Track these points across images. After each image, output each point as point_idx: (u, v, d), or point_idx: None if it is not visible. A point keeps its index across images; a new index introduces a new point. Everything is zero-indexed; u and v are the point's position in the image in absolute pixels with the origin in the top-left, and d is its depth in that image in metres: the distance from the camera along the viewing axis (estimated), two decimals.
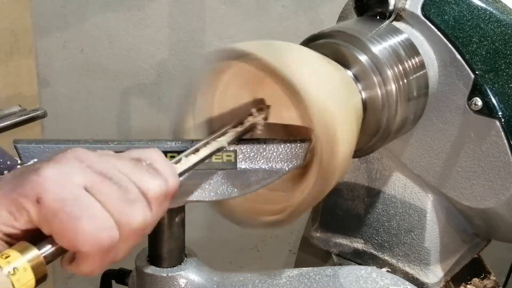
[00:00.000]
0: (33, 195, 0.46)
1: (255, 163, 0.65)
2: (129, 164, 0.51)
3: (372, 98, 0.72)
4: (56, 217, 0.46)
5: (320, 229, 0.97)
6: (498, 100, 0.74)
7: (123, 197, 0.48)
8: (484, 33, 0.75)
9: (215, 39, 1.64)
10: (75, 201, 0.47)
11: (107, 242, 0.47)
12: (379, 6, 0.78)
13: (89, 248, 0.47)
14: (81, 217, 0.46)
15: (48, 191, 0.46)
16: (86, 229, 0.46)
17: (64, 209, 0.46)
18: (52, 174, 0.47)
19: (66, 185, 0.47)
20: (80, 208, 0.46)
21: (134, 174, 0.50)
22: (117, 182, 0.49)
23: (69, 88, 1.72)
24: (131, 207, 0.49)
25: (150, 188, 0.51)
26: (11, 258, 0.43)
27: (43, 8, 1.62)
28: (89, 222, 0.46)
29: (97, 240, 0.47)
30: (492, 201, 0.79)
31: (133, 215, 0.49)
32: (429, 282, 0.87)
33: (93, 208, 0.47)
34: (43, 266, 0.45)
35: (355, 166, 0.91)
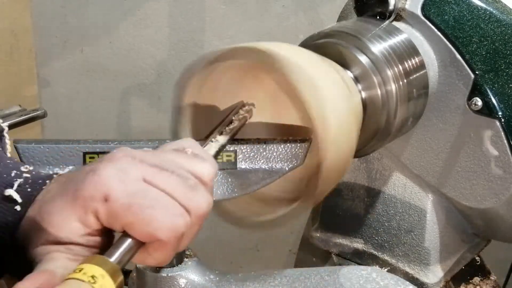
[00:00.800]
0: (99, 194, 0.46)
1: (255, 163, 0.65)
2: (175, 154, 0.52)
3: (372, 98, 0.72)
4: (129, 210, 0.46)
5: (320, 229, 0.97)
6: (498, 100, 0.74)
7: (184, 184, 0.49)
8: (484, 33, 0.75)
9: (215, 39, 1.64)
10: (143, 193, 0.47)
11: (182, 228, 0.48)
12: (379, 6, 0.78)
13: (167, 235, 0.47)
14: (154, 206, 0.47)
15: (114, 188, 0.47)
16: (161, 217, 0.47)
17: (135, 202, 0.46)
18: (112, 172, 0.47)
19: (129, 180, 0.47)
20: (151, 198, 0.47)
21: (185, 162, 0.52)
22: (173, 171, 0.50)
23: (69, 88, 1.72)
24: (194, 193, 0.49)
25: (204, 172, 0.52)
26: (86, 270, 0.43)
27: (43, 8, 1.62)
28: (163, 210, 0.47)
29: (173, 226, 0.47)
30: (492, 201, 0.79)
31: (198, 199, 0.50)
32: (429, 282, 0.87)
33: (162, 198, 0.48)
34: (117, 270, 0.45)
35: (355, 166, 0.91)
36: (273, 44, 0.67)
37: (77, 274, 0.43)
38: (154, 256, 0.49)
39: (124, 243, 0.47)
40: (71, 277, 0.43)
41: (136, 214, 0.46)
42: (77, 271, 0.43)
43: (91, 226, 0.47)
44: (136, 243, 0.47)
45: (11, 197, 0.50)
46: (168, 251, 0.48)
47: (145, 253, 0.49)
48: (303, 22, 1.61)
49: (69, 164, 0.60)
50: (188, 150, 0.54)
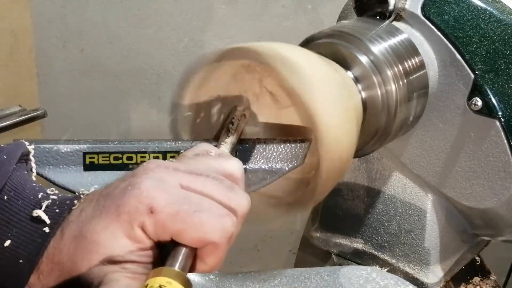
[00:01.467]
0: (144, 207, 0.46)
1: (255, 163, 0.65)
2: (201, 158, 0.53)
3: (372, 98, 0.72)
4: (177, 217, 0.46)
5: (320, 229, 0.97)
6: (498, 100, 0.74)
7: (222, 186, 0.49)
8: (484, 33, 0.75)
9: (215, 39, 1.64)
10: (186, 199, 0.47)
11: (231, 228, 0.48)
12: (379, 6, 0.78)
13: (219, 236, 0.47)
14: (200, 210, 0.47)
15: (157, 198, 0.46)
16: (210, 220, 0.47)
17: (182, 208, 0.46)
18: (151, 183, 0.47)
19: (170, 189, 0.47)
20: (195, 203, 0.47)
21: (213, 164, 0.52)
22: (208, 175, 0.50)
23: (69, 88, 1.72)
24: (233, 193, 0.50)
25: (235, 169, 0.53)
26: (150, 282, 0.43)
27: (43, 8, 1.63)
28: (210, 213, 0.47)
29: (223, 227, 0.47)
30: (492, 201, 0.79)
31: (239, 198, 0.50)
32: (429, 282, 0.87)
33: (205, 201, 0.48)
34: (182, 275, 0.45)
35: (355, 166, 0.91)
36: (272, 44, 0.67)
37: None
38: (207, 261, 0.48)
39: (179, 252, 0.47)
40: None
41: (184, 221, 0.46)
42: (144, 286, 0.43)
43: (140, 241, 0.47)
44: (190, 250, 0.47)
45: (39, 218, 0.48)
46: (221, 253, 0.48)
47: (199, 261, 0.48)
48: (303, 22, 1.61)
49: (69, 164, 0.60)
50: (211, 152, 0.54)
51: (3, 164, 0.50)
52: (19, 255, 0.47)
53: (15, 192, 0.50)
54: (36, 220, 0.48)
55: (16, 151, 0.53)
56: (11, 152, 0.52)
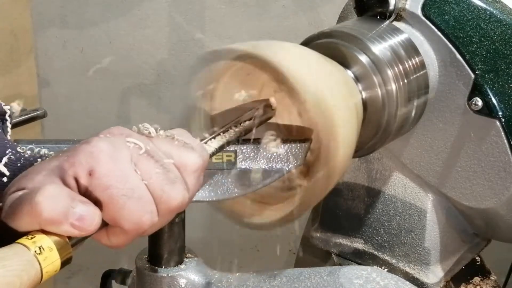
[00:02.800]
0: (86, 166, 0.47)
1: (255, 163, 0.65)
2: (165, 141, 0.53)
3: (372, 98, 0.72)
4: (106, 191, 0.47)
5: (320, 229, 0.97)
6: (498, 100, 0.74)
7: (165, 176, 0.50)
8: (484, 33, 0.75)
9: (215, 39, 1.64)
10: (125, 178, 0.48)
11: (146, 226, 0.49)
12: (379, 6, 0.78)
13: (130, 226, 0.48)
14: (130, 196, 0.48)
15: (101, 164, 0.47)
16: (132, 209, 0.48)
17: (115, 185, 0.47)
18: (105, 146, 0.48)
19: (118, 160, 0.48)
20: (130, 186, 0.48)
21: (172, 150, 0.52)
22: (158, 160, 0.51)
23: (69, 88, 1.72)
24: (171, 187, 0.50)
25: (189, 161, 0.53)
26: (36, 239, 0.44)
27: (43, 8, 1.63)
28: (136, 202, 0.48)
29: (139, 221, 0.49)
30: (492, 201, 0.79)
31: (173, 194, 0.50)
32: (429, 282, 0.87)
33: (140, 189, 0.49)
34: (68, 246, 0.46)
35: (355, 166, 0.91)
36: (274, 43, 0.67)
37: (27, 241, 0.44)
38: (110, 239, 0.50)
39: None
40: (20, 241, 0.43)
41: (110, 197, 0.47)
42: (28, 238, 0.44)
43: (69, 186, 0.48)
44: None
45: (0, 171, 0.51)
46: (125, 239, 0.50)
47: (104, 233, 0.50)
48: (303, 22, 1.61)
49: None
50: (178, 138, 0.54)
51: None
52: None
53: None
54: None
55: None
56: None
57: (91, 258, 1.60)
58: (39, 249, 0.43)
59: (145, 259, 0.76)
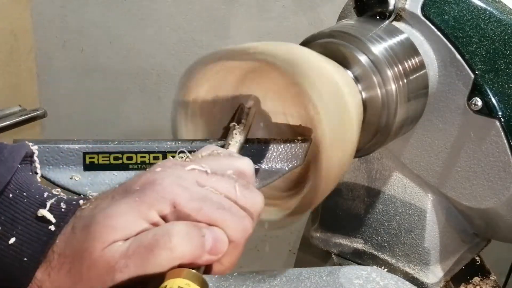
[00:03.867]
0: (166, 201, 0.46)
1: (255, 163, 0.65)
2: (210, 158, 0.53)
3: (372, 98, 0.72)
4: (201, 212, 0.46)
5: (320, 229, 0.97)
6: (498, 100, 0.74)
7: (237, 184, 0.49)
8: (484, 33, 0.75)
9: (215, 39, 1.64)
10: (207, 197, 0.47)
11: (250, 229, 0.48)
12: (379, 6, 0.78)
13: (239, 236, 0.47)
14: (223, 209, 0.47)
15: (180, 194, 0.46)
16: (233, 219, 0.47)
17: (205, 204, 0.46)
18: (172, 180, 0.47)
19: (190, 186, 0.47)
20: (217, 202, 0.47)
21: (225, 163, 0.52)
22: (222, 174, 0.50)
23: (69, 88, 1.72)
24: (248, 191, 0.50)
25: (246, 167, 0.53)
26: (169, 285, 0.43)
27: (43, 8, 1.63)
28: (230, 212, 0.47)
29: (244, 228, 0.48)
30: (492, 201, 0.79)
31: (254, 197, 0.50)
32: (429, 282, 0.87)
33: (226, 201, 0.48)
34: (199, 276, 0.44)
35: (355, 166, 0.91)
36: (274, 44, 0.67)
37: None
38: (224, 261, 0.48)
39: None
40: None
41: (208, 215, 0.46)
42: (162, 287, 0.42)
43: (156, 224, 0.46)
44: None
45: (44, 217, 0.48)
46: (238, 253, 0.48)
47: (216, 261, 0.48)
48: (303, 22, 1.61)
49: (69, 164, 0.60)
50: (221, 152, 0.54)
51: (7, 160, 0.50)
52: (23, 253, 0.47)
53: (20, 191, 0.49)
54: (41, 219, 0.48)
55: (20, 150, 0.52)
56: (15, 150, 0.52)
57: None
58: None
59: None
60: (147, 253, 0.44)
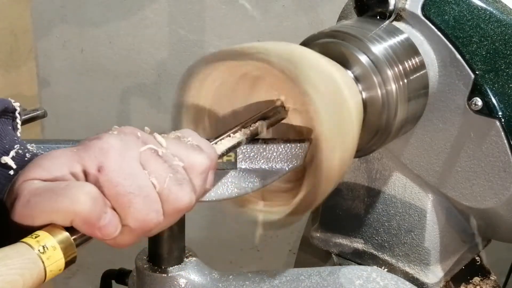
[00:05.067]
0: (96, 161, 0.47)
1: (255, 163, 0.65)
2: (174, 141, 0.53)
3: (372, 98, 0.72)
4: (114, 188, 0.47)
5: (320, 229, 0.97)
6: (498, 100, 0.74)
7: (173, 177, 0.50)
8: (484, 33, 0.75)
9: (215, 39, 1.64)
10: (133, 176, 0.48)
11: (152, 225, 0.49)
12: (379, 6, 0.78)
13: (137, 225, 0.48)
14: (137, 194, 0.48)
15: (111, 160, 0.48)
16: (138, 207, 0.48)
17: (123, 183, 0.47)
18: (116, 142, 0.49)
19: (127, 158, 0.48)
20: (138, 185, 0.48)
21: (180, 150, 0.52)
22: (167, 160, 0.51)
23: (69, 88, 1.72)
24: (178, 187, 0.50)
25: (196, 162, 0.53)
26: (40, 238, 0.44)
27: (43, 8, 1.62)
28: (143, 201, 0.48)
29: (145, 220, 0.49)
30: (492, 201, 0.79)
31: (180, 196, 0.51)
32: (429, 282, 0.87)
33: (147, 188, 0.49)
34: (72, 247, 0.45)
35: (355, 166, 0.91)
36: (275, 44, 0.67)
37: (31, 240, 0.43)
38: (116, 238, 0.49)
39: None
40: (23, 240, 0.43)
41: (117, 194, 0.47)
42: (33, 237, 0.44)
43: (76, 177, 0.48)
44: None
45: (6, 164, 0.52)
46: (131, 238, 0.50)
47: None
48: (303, 22, 1.61)
49: None
50: (188, 139, 0.55)
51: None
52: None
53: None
54: (4, 166, 0.52)
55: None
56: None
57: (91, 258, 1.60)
58: (42, 248, 0.43)
59: (145, 259, 0.76)
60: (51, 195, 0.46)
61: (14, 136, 0.55)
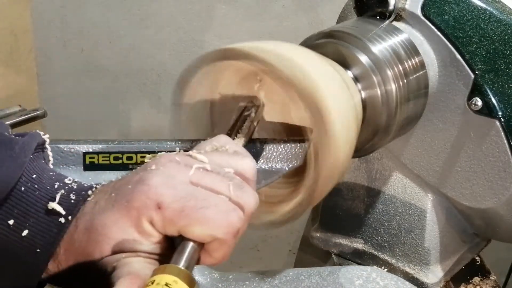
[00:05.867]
0: (152, 203, 0.47)
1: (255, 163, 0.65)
2: (214, 154, 0.53)
3: (372, 98, 0.72)
4: (182, 213, 0.47)
5: (320, 229, 0.97)
6: (498, 100, 0.74)
7: (233, 184, 0.50)
8: (484, 33, 0.75)
9: (215, 39, 1.64)
10: (193, 195, 0.48)
11: (237, 223, 0.48)
12: (379, 6, 0.78)
13: (224, 232, 0.48)
14: (206, 206, 0.47)
15: (165, 195, 0.47)
16: (216, 215, 0.47)
17: (188, 205, 0.47)
18: (159, 179, 0.48)
19: (178, 185, 0.48)
20: (201, 199, 0.48)
21: (225, 160, 0.52)
22: (218, 172, 0.50)
23: (69, 88, 1.72)
24: (242, 191, 0.50)
25: (246, 168, 0.53)
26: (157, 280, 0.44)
27: (43, 8, 1.63)
28: (215, 209, 0.48)
29: (229, 223, 0.48)
30: (492, 201, 0.79)
31: (247, 196, 0.50)
32: (429, 282, 0.87)
33: (211, 197, 0.48)
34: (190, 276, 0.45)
35: (355, 166, 0.91)
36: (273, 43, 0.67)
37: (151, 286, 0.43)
38: (214, 255, 0.49)
39: (186, 247, 0.47)
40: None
41: (189, 217, 0.47)
42: (150, 284, 0.43)
43: (149, 235, 0.48)
44: (197, 245, 0.48)
45: (54, 210, 0.50)
46: (227, 248, 0.49)
47: (206, 254, 0.49)
48: (303, 22, 1.61)
49: (69, 164, 0.60)
50: (228, 148, 0.54)
51: (18, 156, 0.51)
52: (36, 245, 0.49)
53: (31, 183, 0.51)
54: (51, 212, 0.50)
55: (31, 143, 0.53)
56: (26, 143, 0.53)
57: None
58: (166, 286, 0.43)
59: None
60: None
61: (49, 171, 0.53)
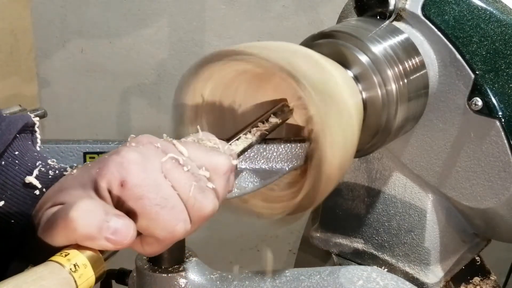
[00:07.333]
0: (118, 176, 0.47)
1: (255, 163, 0.65)
2: (194, 146, 0.54)
3: (372, 98, 0.72)
4: (139, 201, 0.47)
5: (320, 229, 0.97)
6: (498, 100, 0.74)
7: (196, 185, 0.50)
8: (484, 33, 0.75)
9: (215, 39, 1.65)
10: (157, 188, 0.48)
11: (180, 233, 0.49)
12: (379, 6, 0.78)
13: (164, 235, 0.49)
14: (164, 206, 0.48)
15: (132, 174, 0.48)
16: (166, 218, 0.48)
17: (147, 195, 0.47)
18: (135, 156, 0.48)
19: (148, 170, 0.48)
20: (163, 196, 0.48)
21: (201, 154, 0.53)
22: (189, 168, 0.51)
23: (69, 88, 1.72)
24: (202, 195, 0.51)
25: (219, 165, 0.53)
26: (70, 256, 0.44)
27: (43, 8, 1.63)
28: (169, 212, 0.48)
29: (173, 230, 0.49)
30: (492, 201, 0.79)
31: (205, 203, 0.51)
32: (429, 282, 0.87)
33: (172, 198, 0.49)
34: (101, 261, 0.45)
35: (355, 166, 0.91)
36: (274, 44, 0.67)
37: (61, 259, 0.43)
38: (144, 248, 0.50)
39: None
40: (54, 259, 0.43)
41: (143, 207, 0.47)
42: (63, 255, 0.44)
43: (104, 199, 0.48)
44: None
45: (31, 184, 0.52)
46: (159, 247, 0.50)
47: (137, 242, 0.50)
48: (303, 22, 1.61)
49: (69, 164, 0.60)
50: (207, 143, 0.55)
51: (3, 133, 0.53)
52: (11, 215, 0.51)
53: (12, 159, 0.53)
54: (28, 185, 0.52)
55: (18, 122, 0.55)
56: (13, 122, 0.55)
57: None
58: (74, 266, 0.43)
59: (145, 259, 0.76)
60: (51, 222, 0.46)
61: (34, 152, 0.55)
